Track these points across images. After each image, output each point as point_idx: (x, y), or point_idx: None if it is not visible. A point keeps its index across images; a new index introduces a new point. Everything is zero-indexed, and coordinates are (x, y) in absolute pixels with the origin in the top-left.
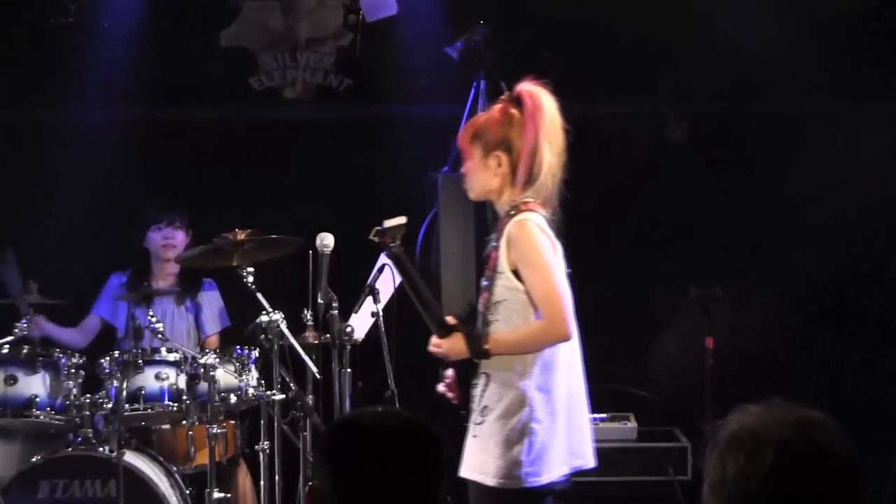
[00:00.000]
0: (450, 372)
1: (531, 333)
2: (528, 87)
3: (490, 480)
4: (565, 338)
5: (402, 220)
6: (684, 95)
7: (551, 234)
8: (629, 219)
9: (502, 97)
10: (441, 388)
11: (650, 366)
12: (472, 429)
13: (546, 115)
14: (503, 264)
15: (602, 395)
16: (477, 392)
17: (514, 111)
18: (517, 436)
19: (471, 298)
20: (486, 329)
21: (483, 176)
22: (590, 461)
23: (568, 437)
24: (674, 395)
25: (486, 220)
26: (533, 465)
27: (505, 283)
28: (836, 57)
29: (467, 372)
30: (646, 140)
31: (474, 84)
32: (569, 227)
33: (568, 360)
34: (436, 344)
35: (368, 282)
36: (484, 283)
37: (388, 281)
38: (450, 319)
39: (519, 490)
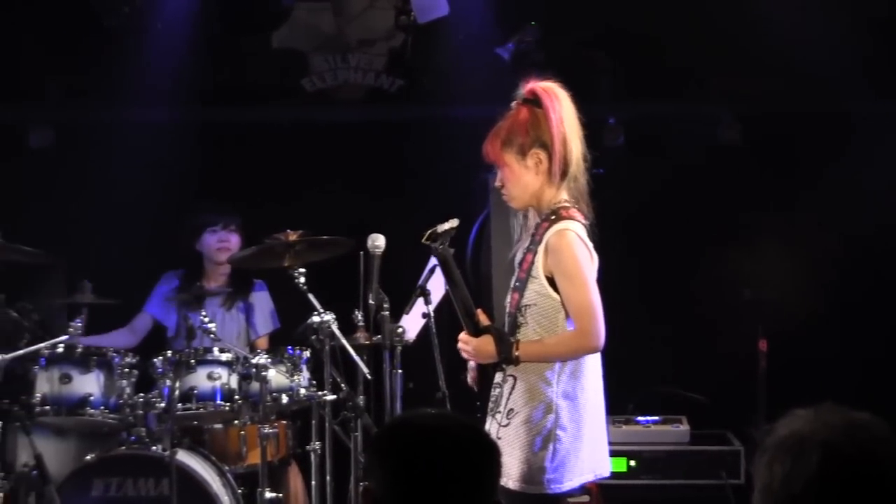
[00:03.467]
0: (472, 364)
1: (562, 343)
2: (541, 84)
3: (512, 483)
4: (595, 350)
5: (454, 223)
6: (737, 96)
7: (590, 244)
8: (682, 220)
9: (514, 102)
10: (469, 379)
11: (703, 368)
12: (497, 430)
13: (565, 107)
14: (538, 269)
15: (655, 398)
16: (503, 393)
17: (533, 109)
18: (542, 442)
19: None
20: (514, 332)
21: (525, 179)
22: (607, 470)
23: (590, 445)
24: (727, 397)
25: None
26: (556, 471)
27: (537, 288)
28: (891, 56)
29: (488, 368)
30: (699, 141)
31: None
32: (621, 228)
33: (594, 368)
34: (464, 341)
35: (419, 283)
36: (515, 284)
37: (439, 282)
38: (483, 319)
39: (540, 495)
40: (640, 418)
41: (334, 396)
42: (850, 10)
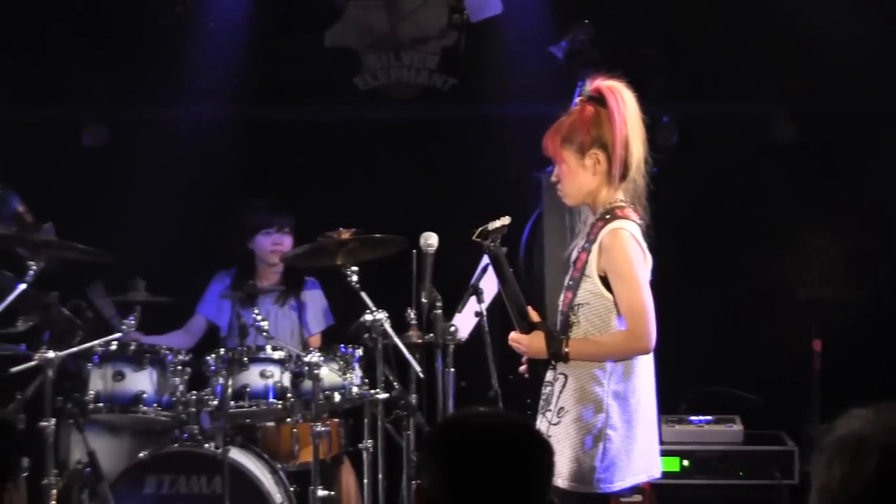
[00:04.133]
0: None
1: (613, 343)
2: (607, 83)
3: (562, 482)
4: (645, 352)
5: (506, 220)
6: (791, 95)
7: (644, 244)
8: (735, 219)
9: (578, 98)
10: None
11: (757, 369)
12: (548, 428)
13: (630, 108)
14: (592, 268)
15: (708, 398)
16: (554, 391)
17: (597, 108)
18: (592, 441)
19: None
20: (566, 331)
21: (581, 178)
22: (658, 471)
23: (642, 446)
24: (781, 398)
25: None
26: (606, 471)
27: (590, 287)
28: None
29: (539, 367)
30: (753, 140)
31: (579, 83)
32: (675, 227)
33: (646, 368)
34: (515, 339)
35: (472, 281)
36: (569, 282)
37: (491, 281)
38: (534, 316)
39: (590, 495)
40: (693, 418)
41: (387, 395)
42: None
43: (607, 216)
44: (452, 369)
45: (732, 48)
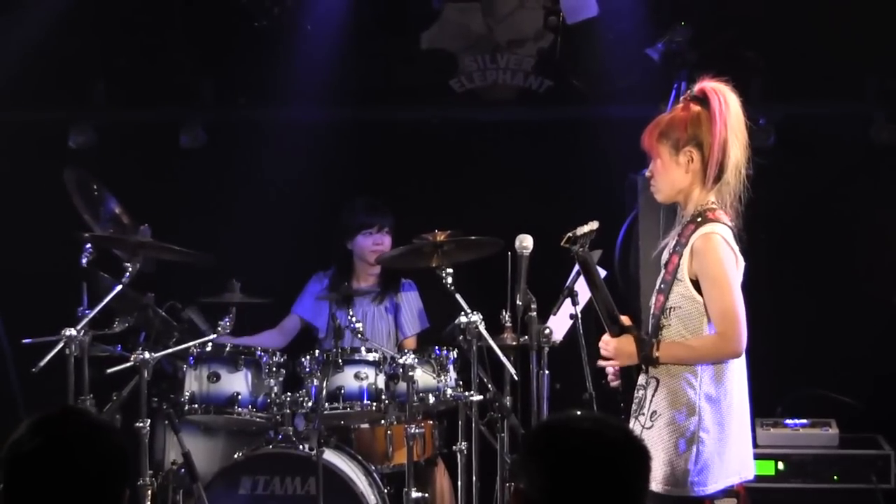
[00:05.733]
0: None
1: (703, 347)
2: (713, 84)
3: (655, 486)
4: (735, 355)
5: (594, 225)
6: (890, 97)
7: (736, 248)
8: (833, 221)
9: (683, 96)
10: (610, 377)
11: (854, 372)
12: (640, 432)
13: (732, 111)
14: (683, 272)
15: (805, 401)
16: (646, 395)
17: (699, 108)
18: (685, 444)
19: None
20: (657, 333)
21: (673, 175)
22: (751, 473)
23: (735, 448)
24: (877, 401)
25: None
26: (700, 474)
27: (682, 291)
28: None
29: (631, 370)
30: (851, 142)
31: (675, 85)
32: (772, 228)
33: (738, 371)
34: (605, 343)
35: (567, 284)
36: (661, 286)
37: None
38: (625, 320)
39: (683, 498)
40: (788, 421)
41: (481, 397)
42: None
43: (699, 219)
44: (547, 371)
45: (830, 49)
